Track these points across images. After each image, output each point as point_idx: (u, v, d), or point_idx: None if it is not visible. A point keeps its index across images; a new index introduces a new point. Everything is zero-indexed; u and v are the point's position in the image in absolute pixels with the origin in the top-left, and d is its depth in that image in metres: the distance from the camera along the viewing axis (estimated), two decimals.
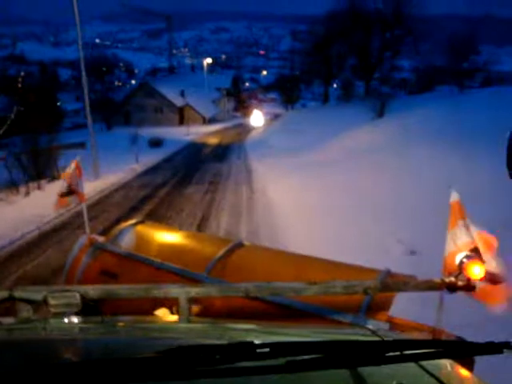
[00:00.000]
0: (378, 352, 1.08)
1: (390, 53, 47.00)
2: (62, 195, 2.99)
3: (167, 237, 3.33)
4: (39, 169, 15.91)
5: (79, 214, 7.84)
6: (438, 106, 20.02)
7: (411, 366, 1.12)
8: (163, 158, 25.84)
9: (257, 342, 1.04)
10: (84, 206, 3.27)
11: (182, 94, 60.07)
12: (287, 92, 61.37)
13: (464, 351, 1.23)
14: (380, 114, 25.99)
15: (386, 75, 49.31)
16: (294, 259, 2.95)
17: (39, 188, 14.07)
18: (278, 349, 1.01)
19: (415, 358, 1.10)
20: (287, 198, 11.46)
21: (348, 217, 8.87)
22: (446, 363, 1.23)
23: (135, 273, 2.78)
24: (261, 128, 42.60)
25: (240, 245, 2.95)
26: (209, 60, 61.15)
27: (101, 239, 3.18)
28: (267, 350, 1.00)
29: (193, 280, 2.49)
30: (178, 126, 56.50)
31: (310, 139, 23.43)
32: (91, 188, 13.82)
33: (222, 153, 28.42)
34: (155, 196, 13.96)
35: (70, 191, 3.01)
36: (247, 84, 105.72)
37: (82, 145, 25.42)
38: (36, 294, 1.56)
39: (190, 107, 59.63)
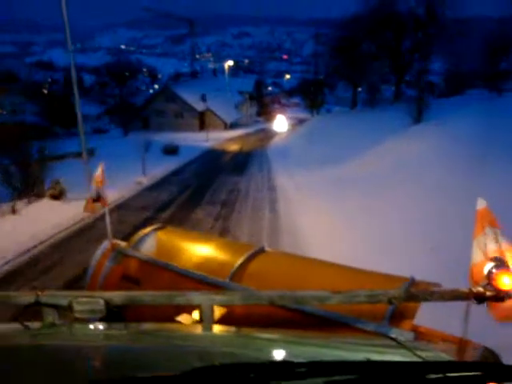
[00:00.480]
0: (419, 374, 1.05)
1: (420, 54, 43.78)
2: (94, 200, 2.92)
3: (189, 242, 3.24)
4: (28, 183, 13.34)
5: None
6: (480, 111, 16.82)
7: None
8: (176, 168, 23.17)
9: (295, 360, 1.04)
10: (107, 211, 3.07)
11: (203, 99, 57.59)
12: (311, 96, 58.45)
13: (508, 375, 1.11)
14: (417, 119, 23.00)
15: (417, 77, 46.08)
16: (316, 266, 2.87)
17: (13, 211, 11.20)
18: (316, 368, 0.99)
19: (459, 382, 1.06)
20: (326, 236, 8.54)
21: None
22: None
23: (157, 278, 2.75)
24: (284, 134, 39.77)
25: (262, 251, 2.93)
26: (230, 62, 58.41)
27: (123, 244, 3.11)
28: (305, 369, 0.98)
29: (215, 286, 2.45)
30: (198, 131, 54.13)
31: (341, 148, 20.35)
32: (68, 216, 11.17)
33: (241, 162, 25.58)
34: (153, 224, 11.10)
35: (98, 198, 2.93)
36: (270, 88, 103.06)
37: (79, 154, 22.93)
38: (61, 299, 1.55)
39: (211, 112, 57.10)
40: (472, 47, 43.22)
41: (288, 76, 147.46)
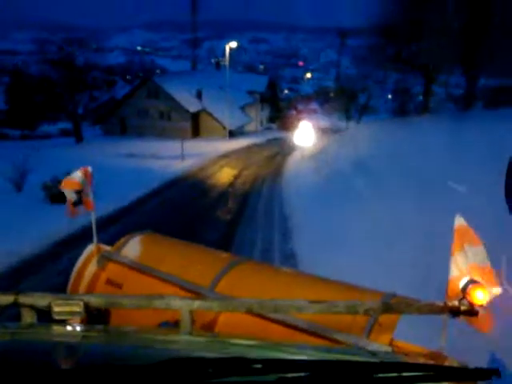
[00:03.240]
0: (368, 373, 1.06)
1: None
2: (75, 204, 2.73)
3: (174, 249, 3.10)
4: None
5: None
6: None
7: None
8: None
9: (250, 357, 1.05)
10: (93, 214, 2.84)
11: (199, 96, 41.69)
12: (344, 101, 43.56)
13: (454, 376, 1.19)
14: None
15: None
16: (299, 278, 2.78)
17: None
18: (270, 365, 1.01)
19: (404, 381, 1.08)
20: None
21: None
22: None
23: (140, 283, 2.61)
24: (310, 150, 23.61)
25: (246, 261, 2.85)
26: (233, 44, 41.83)
27: (107, 248, 2.93)
28: (260, 366, 0.99)
29: (197, 294, 2.33)
30: (190, 138, 38.51)
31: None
32: None
33: (222, 229, 10.99)
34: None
35: (80, 199, 2.72)
36: (286, 91, 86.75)
37: None
38: (40, 300, 1.52)
39: (207, 114, 41.21)
40: None
41: (309, 75, 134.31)
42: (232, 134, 40.39)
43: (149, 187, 15.02)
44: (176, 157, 22.19)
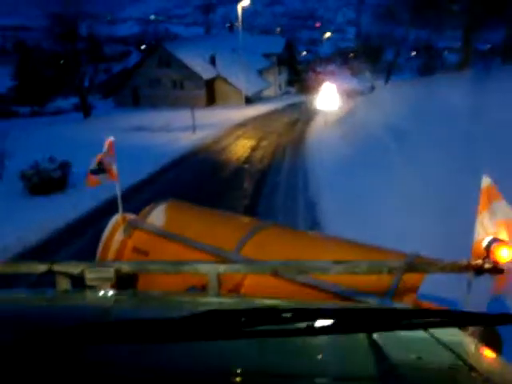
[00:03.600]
0: (393, 319, 1.08)
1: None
2: (92, 172, 2.76)
3: (198, 216, 3.10)
4: None
5: None
6: None
7: (431, 342, 1.11)
8: None
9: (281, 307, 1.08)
10: (118, 185, 2.89)
11: (213, 62, 39.21)
12: (368, 61, 40.87)
13: (472, 321, 1.18)
14: None
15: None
16: (322, 241, 2.79)
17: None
18: (299, 314, 1.02)
19: (426, 326, 1.10)
20: None
21: None
22: (472, 343, 1.22)
23: (165, 250, 2.63)
24: (334, 115, 21.26)
25: (270, 226, 2.78)
26: (245, 2, 38.31)
27: (133, 217, 2.95)
28: (290, 314, 1.00)
29: (223, 258, 2.30)
30: (204, 106, 36.37)
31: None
32: None
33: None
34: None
35: (101, 169, 2.75)
36: (304, 53, 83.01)
37: None
38: (74, 267, 1.58)
39: (222, 80, 38.77)
40: None
41: (328, 34, 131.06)
42: (249, 100, 38.02)
43: (150, 166, 13.03)
44: (187, 128, 20.11)
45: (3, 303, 1.41)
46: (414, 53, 44.01)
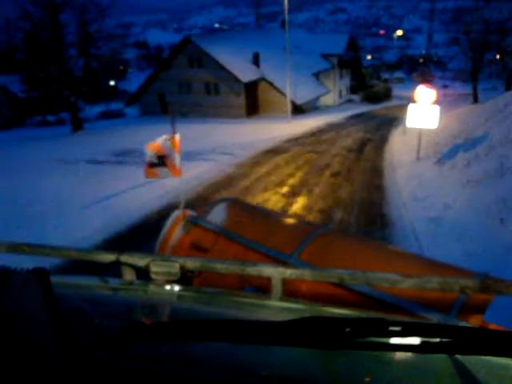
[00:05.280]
0: (503, 343, 0.94)
1: None
2: (151, 166, 2.68)
3: (257, 216, 2.96)
4: None
5: None
6: None
7: None
8: None
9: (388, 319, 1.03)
10: (181, 181, 2.82)
11: (256, 61, 30.44)
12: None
13: None
14: None
15: None
16: (386, 251, 2.53)
17: None
18: (409, 328, 0.95)
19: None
20: None
21: None
22: None
23: (224, 249, 2.51)
24: (431, 135, 11.78)
25: (330, 230, 2.66)
26: None
27: (193, 214, 2.84)
28: (399, 328, 0.93)
29: (281, 262, 2.16)
30: (245, 117, 27.87)
31: None
32: None
33: None
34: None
35: (161, 163, 2.66)
36: (369, 57, 72.98)
37: None
38: (140, 260, 1.57)
39: (267, 83, 29.91)
40: None
41: (400, 32, 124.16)
42: (301, 110, 28.97)
43: None
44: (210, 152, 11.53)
45: (73, 288, 1.40)
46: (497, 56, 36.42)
